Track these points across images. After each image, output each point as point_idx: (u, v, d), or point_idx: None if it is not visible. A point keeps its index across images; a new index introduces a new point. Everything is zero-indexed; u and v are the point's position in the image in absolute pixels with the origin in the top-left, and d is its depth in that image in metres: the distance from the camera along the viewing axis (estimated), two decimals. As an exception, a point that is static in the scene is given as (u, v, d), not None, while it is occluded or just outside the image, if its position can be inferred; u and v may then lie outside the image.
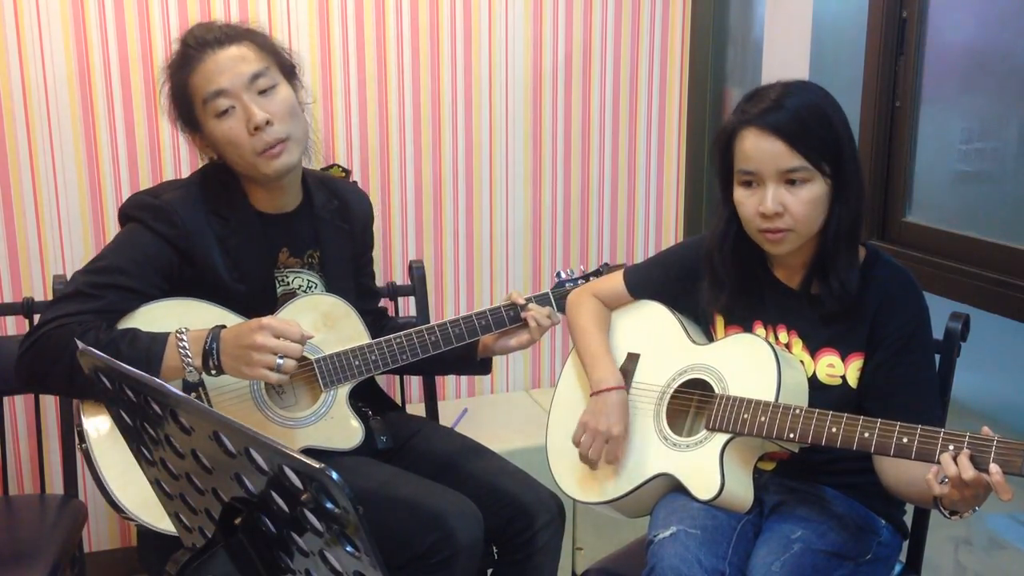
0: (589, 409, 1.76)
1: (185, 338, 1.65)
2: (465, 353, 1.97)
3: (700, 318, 1.81)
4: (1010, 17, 2.11)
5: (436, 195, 2.85)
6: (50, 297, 2.17)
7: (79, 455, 2.21)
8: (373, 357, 1.84)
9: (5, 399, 2.20)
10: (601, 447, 1.72)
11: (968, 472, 1.30)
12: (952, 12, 2.22)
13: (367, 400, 1.97)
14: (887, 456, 1.44)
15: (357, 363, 1.83)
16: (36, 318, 2.17)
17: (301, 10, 2.62)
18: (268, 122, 1.71)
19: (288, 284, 1.87)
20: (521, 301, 1.92)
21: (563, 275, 2.00)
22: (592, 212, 3.03)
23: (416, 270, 2.32)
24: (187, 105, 1.75)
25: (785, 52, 2.56)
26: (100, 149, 2.54)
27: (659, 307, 1.84)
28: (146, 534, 1.80)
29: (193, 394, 1.70)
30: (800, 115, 1.54)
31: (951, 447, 1.35)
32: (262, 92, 1.72)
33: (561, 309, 1.97)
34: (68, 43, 2.46)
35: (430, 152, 2.82)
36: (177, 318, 1.71)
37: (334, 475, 0.82)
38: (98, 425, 1.69)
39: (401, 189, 2.81)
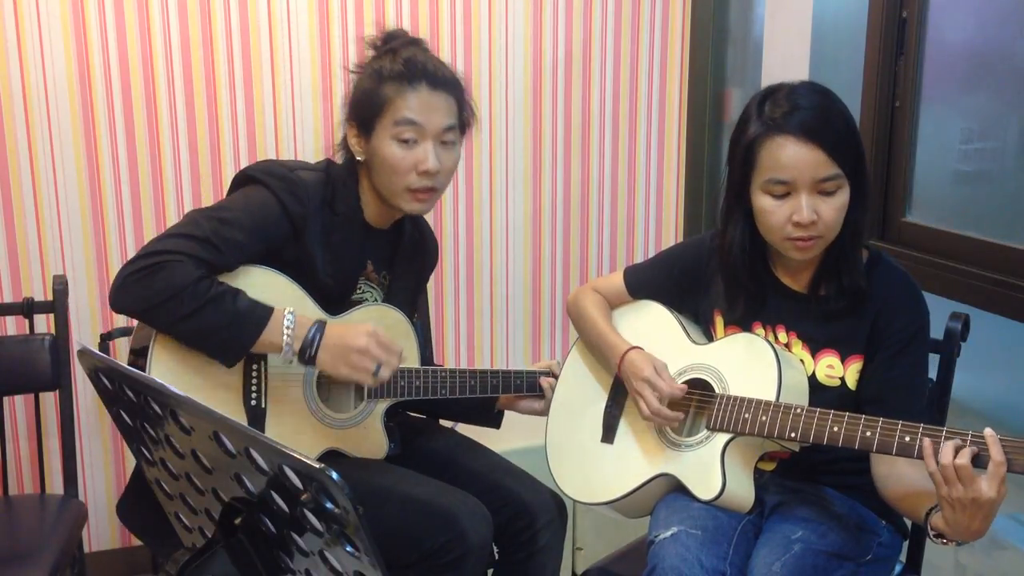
0: (625, 379, 1.75)
1: (293, 319, 1.67)
2: (484, 404, 2.03)
3: (700, 318, 1.81)
4: (1010, 17, 2.11)
5: (436, 195, 2.85)
6: (50, 297, 2.17)
7: (79, 452, 2.21)
8: (417, 383, 1.87)
9: (5, 399, 2.20)
10: (653, 394, 1.67)
11: (962, 459, 1.30)
12: (952, 12, 2.22)
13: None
14: (889, 455, 1.44)
15: (403, 383, 1.86)
16: (36, 318, 2.19)
17: (301, 10, 2.62)
18: (437, 172, 1.77)
19: (361, 294, 1.89)
20: (557, 372, 1.99)
21: None
22: (592, 212, 3.03)
23: (416, 270, 2.32)
24: (375, 110, 1.77)
25: (785, 52, 2.56)
26: (100, 149, 2.54)
27: (659, 307, 1.84)
28: (132, 489, 1.80)
29: (254, 365, 1.73)
30: (833, 123, 1.53)
31: (956, 439, 1.35)
32: (444, 143, 1.79)
33: None
34: (68, 44, 2.46)
35: (430, 152, 2.82)
36: (262, 287, 1.72)
37: (334, 475, 0.82)
38: (165, 360, 1.68)
39: (401, 189, 2.81)
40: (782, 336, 1.69)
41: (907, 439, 1.40)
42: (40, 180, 2.51)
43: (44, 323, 2.37)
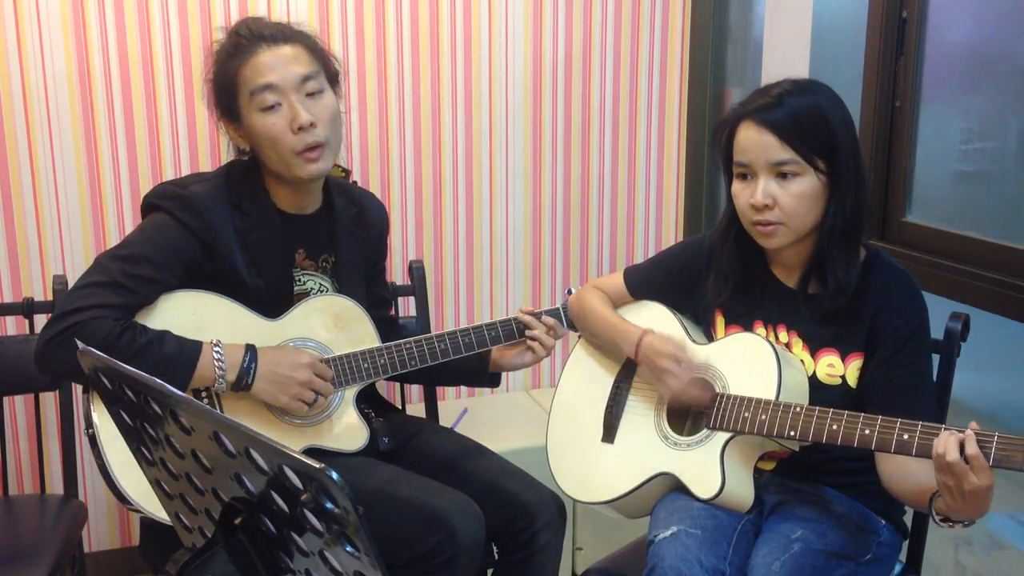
0: (647, 367, 1.74)
1: (221, 351, 1.68)
2: (477, 366, 2.00)
3: (700, 318, 1.81)
4: (1010, 17, 2.11)
5: (436, 195, 2.85)
6: (50, 297, 2.16)
7: (79, 452, 2.21)
8: (382, 361, 1.85)
9: (5, 399, 2.20)
10: (684, 374, 1.67)
11: (951, 456, 1.31)
12: (952, 12, 2.22)
13: (369, 402, 1.98)
14: (887, 453, 1.44)
15: (366, 366, 1.84)
16: (36, 318, 2.19)
17: (301, 10, 2.62)
18: (312, 124, 1.73)
19: (303, 285, 1.88)
20: (526, 318, 1.94)
21: (574, 291, 2.00)
22: (592, 212, 3.03)
23: (416, 270, 2.32)
24: (231, 94, 1.76)
25: (785, 52, 2.56)
26: (100, 149, 2.54)
27: (660, 307, 1.84)
28: (148, 530, 1.80)
29: (202, 390, 1.72)
30: (796, 113, 1.55)
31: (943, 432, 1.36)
32: (310, 95, 1.75)
33: (571, 327, 1.99)
34: (68, 43, 2.46)
35: (430, 152, 2.82)
36: (191, 310, 1.72)
37: (334, 475, 0.82)
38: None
39: (401, 189, 2.81)
40: (783, 336, 1.69)
41: (905, 436, 1.40)
42: (40, 180, 2.51)
43: (44, 323, 2.37)
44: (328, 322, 1.84)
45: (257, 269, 1.78)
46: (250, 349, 1.71)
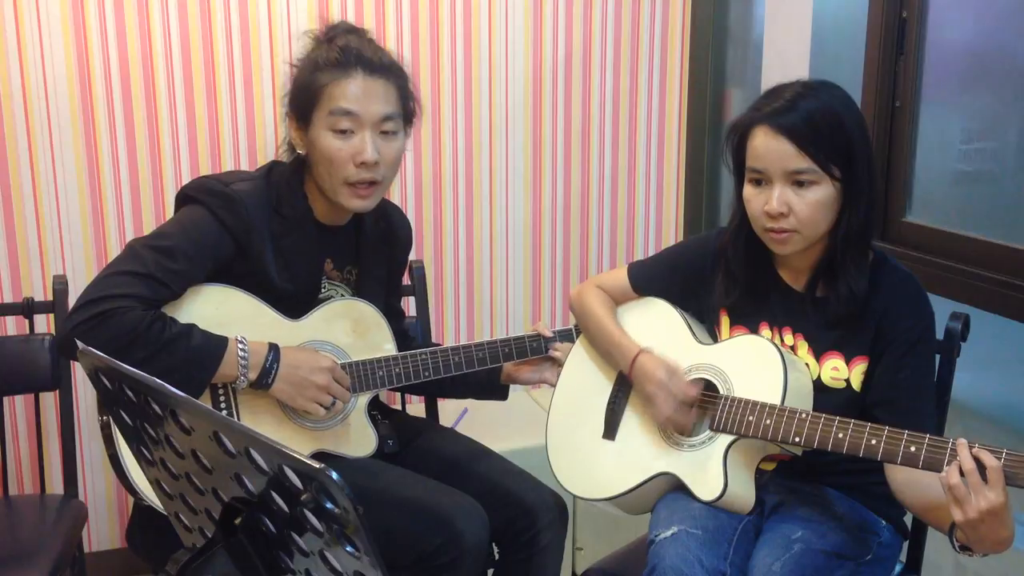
0: (637, 388, 1.75)
1: (246, 348, 1.68)
2: (487, 379, 2.00)
3: (705, 317, 1.81)
4: (1010, 17, 2.11)
5: (436, 195, 2.85)
6: (50, 297, 2.16)
7: (79, 452, 2.22)
8: (397, 370, 1.86)
9: (5, 399, 2.20)
10: (670, 401, 1.67)
11: (953, 478, 1.31)
12: (952, 12, 2.22)
13: (372, 405, 1.98)
14: (894, 464, 1.43)
15: (381, 374, 1.84)
16: (36, 318, 2.18)
17: (301, 9, 2.62)
18: (376, 163, 1.74)
19: (325, 293, 1.88)
20: (548, 334, 1.96)
21: None
22: (592, 212, 3.03)
23: (416, 270, 2.32)
24: (310, 101, 1.75)
25: (785, 52, 2.56)
26: (100, 149, 2.54)
27: (665, 305, 1.84)
28: (144, 516, 1.80)
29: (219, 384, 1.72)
30: (812, 118, 1.53)
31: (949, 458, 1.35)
32: (384, 133, 1.75)
33: None
34: (68, 44, 2.46)
35: (430, 152, 2.82)
36: (215, 304, 1.72)
37: (334, 475, 0.82)
38: None
39: (401, 189, 2.81)
40: (788, 338, 1.68)
41: (912, 449, 1.39)
42: (40, 180, 2.51)
43: (44, 323, 2.37)
44: (347, 327, 1.85)
45: (288, 274, 1.77)
46: (273, 348, 1.71)
